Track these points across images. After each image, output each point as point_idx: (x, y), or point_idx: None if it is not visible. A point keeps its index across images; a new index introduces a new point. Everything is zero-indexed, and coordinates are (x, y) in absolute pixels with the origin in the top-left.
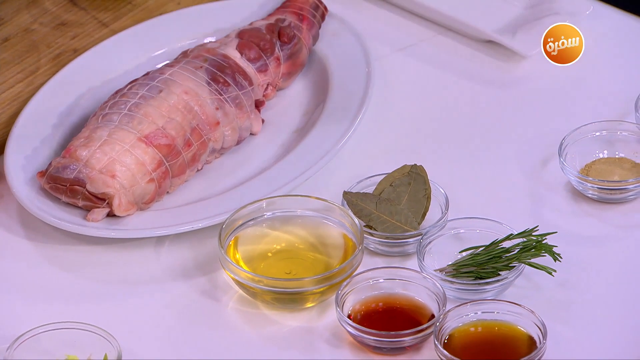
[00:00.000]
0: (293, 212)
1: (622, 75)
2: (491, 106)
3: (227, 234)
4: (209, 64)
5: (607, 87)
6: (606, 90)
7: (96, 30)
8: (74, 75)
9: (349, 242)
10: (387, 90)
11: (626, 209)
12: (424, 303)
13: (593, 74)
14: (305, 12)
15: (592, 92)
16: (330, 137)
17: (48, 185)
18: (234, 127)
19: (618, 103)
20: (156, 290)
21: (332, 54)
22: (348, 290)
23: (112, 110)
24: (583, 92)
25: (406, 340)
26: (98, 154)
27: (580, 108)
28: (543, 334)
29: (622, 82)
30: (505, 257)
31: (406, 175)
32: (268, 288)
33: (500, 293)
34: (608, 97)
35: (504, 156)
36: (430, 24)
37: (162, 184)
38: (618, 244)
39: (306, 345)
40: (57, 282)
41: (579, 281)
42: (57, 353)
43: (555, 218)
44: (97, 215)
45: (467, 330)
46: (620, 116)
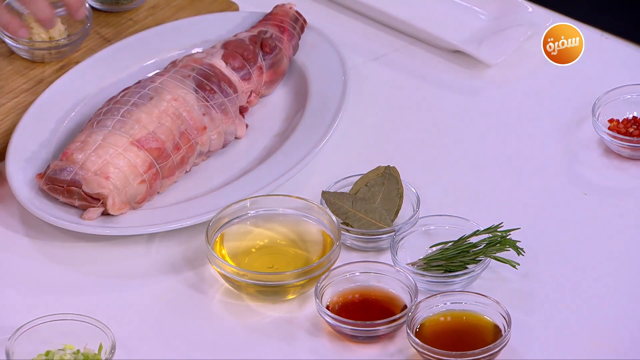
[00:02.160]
0: (275, 210)
1: (579, 82)
2: (458, 111)
3: (213, 231)
4: (197, 72)
5: (565, 92)
6: (564, 96)
7: (99, 44)
8: (71, 83)
9: (327, 238)
10: (362, 97)
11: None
12: (397, 295)
13: (552, 81)
14: (286, 24)
15: (551, 98)
16: (310, 140)
17: (46, 187)
18: (220, 132)
19: (575, 108)
20: (147, 283)
21: (310, 63)
22: (326, 283)
23: (106, 116)
24: (544, 98)
25: (381, 329)
26: (93, 157)
27: (541, 113)
28: (508, 323)
29: (579, 88)
30: (473, 252)
31: (380, 176)
32: (252, 281)
33: (468, 285)
34: (566, 101)
35: (470, 157)
36: (401, 35)
37: (153, 185)
38: (573, 241)
39: (287, 335)
40: (54, 277)
41: (541, 274)
42: (55, 342)
43: (520, 213)
44: (93, 214)
45: (437, 319)
46: (577, 123)
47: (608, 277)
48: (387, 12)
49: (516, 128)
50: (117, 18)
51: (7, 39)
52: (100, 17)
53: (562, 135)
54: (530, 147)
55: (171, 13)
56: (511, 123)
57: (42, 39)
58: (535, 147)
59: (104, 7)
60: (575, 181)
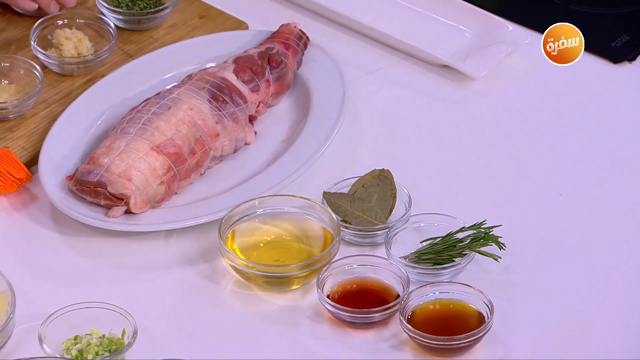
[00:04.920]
0: (281, 209)
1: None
2: (446, 119)
3: (225, 228)
4: (210, 85)
5: (539, 102)
6: (538, 105)
7: (122, 60)
8: (97, 95)
9: (327, 234)
10: (360, 107)
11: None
12: (391, 285)
13: (529, 92)
14: (291, 41)
15: (528, 107)
16: (312, 146)
17: (75, 188)
18: (231, 138)
19: (548, 116)
20: (165, 275)
21: (313, 76)
22: (327, 275)
23: (129, 124)
24: (521, 107)
25: (376, 316)
26: (117, 161)
27: (519, 120)
28: (490, 311)
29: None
30: (459, 246)
31: (376, 178)
32: (260, 273)
33: (455, 276)
34: (539, 111)
35: (457, 161)
36: (394, 51)
37: (171, 186)
38: (549, 237)
39: (292, 321)
40: (82, 269)
41: (520, 266)
42: (83, 328)
43: (501, 211)
44: (117, 213)
45: (427, 307)
46: (552, 128)
47: (581, 267)
48: (381, 31)
49: (497, 134)
50: (139, 36)
51: (40, 55)
52: (124, 35)
53: (537, 139)
54: (510, 151)
55: (187, 31)
56: (493, 130)
57: (72, 55)
58: (515, 150)
59: (128, 26)
60: (551, 183)
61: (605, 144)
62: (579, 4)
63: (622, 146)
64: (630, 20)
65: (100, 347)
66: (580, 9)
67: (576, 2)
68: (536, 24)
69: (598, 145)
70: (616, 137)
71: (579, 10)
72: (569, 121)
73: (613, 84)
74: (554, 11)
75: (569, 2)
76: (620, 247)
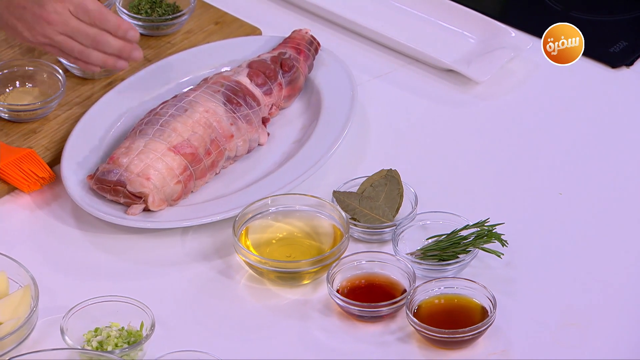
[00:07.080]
0: (292, 207)
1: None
2: (450, 121)
3: (239, 225)
4: (225, 88)
5: (539, 105)
6: (539, 107)
7: (141, 64)
8: (117, 97)
9: (337, 231)
10: (368, 109)
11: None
12: (398, 280)
13: (531, 96)
14: (302, 46)
15: (529, 110)
16: (322, 147)
17: (96, 186)
18: (245, 139)
19: (548, 118)
20: (182, 270)
21: (323, 80)
22: (337, 270)
23: (147, 126)
24: (523, 110)
25: (383, 310)
26: (136, 161)
27: (521, 122)
28: (493, 305)
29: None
30: (463, 243)
31: (383, 178)
32: (272, 268)
33: (459, 272)
34: (539, 113)
35: (461, 161)
36: (401, 55)
37: (188, 185)
38: (549, 234)
39: (303, 314)
40: (102, 264)
41: (522, 262)
42: (103, 320)
43: (504, 210)
44: (135, 210)
45: (432, 302)
46: (551, 130)
47: (581, 264)
48: (389, 37)
49: (500, 136)
50: (157, 41)
51: (62, 59)
52: (142, 41)
53: (537, 141)
54: (512, 152)
55: (203, 37)
56: (496, 131)
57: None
58: (516, 151)
59: (146, 32)
60: (551, 183)
61: (604, 146)
62: (579, 10)
63: (620, 148)
64: (629, 27)
65: (120, 339)
66: (580, 15)
67: (576, 8)
68: (537, 30)
69: (596, 147)
70: (614, 139)
71: (578, 17)
72: (569, 124)
73: (611, 88)
74: (554, 17)
75: (569, 8)
76: (618, 244)
